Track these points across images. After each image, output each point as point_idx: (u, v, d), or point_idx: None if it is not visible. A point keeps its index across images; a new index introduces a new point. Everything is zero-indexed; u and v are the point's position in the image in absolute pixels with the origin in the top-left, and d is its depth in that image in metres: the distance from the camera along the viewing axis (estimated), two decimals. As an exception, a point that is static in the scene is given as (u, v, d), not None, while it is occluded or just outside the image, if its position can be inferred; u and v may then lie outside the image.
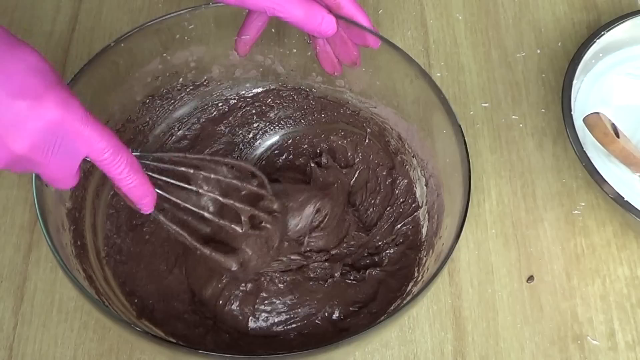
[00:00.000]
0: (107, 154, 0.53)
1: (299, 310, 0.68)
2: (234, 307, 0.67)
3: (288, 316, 0.68)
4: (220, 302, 0.67)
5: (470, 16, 0.90)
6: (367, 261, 0.72)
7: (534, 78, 0.85)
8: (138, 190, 0.56)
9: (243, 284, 0.68)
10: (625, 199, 0.70)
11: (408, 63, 0.66)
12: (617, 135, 0.72)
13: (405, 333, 0.70)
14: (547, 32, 0.88)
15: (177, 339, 0.65)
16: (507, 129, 0.82)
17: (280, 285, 0.68)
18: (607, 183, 0.71)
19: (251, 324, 0.67)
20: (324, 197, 0.71)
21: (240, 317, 0.67)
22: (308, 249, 0.71)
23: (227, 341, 0.67)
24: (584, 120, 0.73)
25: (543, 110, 0.83)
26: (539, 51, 0.87)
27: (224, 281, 0.68)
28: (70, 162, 0.53)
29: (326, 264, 0.70)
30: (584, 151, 0.73)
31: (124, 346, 0.69)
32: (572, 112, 0.75)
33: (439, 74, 0.85)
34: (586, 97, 0.80)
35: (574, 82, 0.77)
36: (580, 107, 0.78)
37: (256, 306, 0.67)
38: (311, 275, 0.70)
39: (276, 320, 0.68)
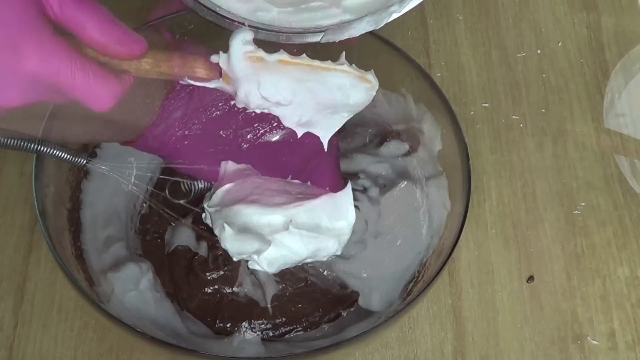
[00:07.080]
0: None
1: (303, 319, 0.68)
2: (225, 324, 0.67)
3: (290, 327, 0.67)
4: (209, 319, 0.67)
5: (470, 16, 0.90)
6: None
7: (534, 78, 0.85)
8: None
9: (239, 296, 0.68)
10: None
11: (408, 63, 0.66)
12: None
13: (405, 333, 0.70)
14: (547, 32, 0.88)
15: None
16: (507, 129, 0.82)
17: (284, 299, 0.68)
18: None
19: (248, 337, 0.67)
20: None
21: (236, 333, 0.67)
22: None
23: (228, 341, 0.67)
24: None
25: (543, 110, 0.83)
26: (539, 51, 0.87)
27: (209, 292, 0.67)
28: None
29: None
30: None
31: (124, 346, 0.69)
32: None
33: (439, 74, 0.85)
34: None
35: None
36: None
37: (253, 320, 0.67)
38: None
39: (277, 332, 0.67)
